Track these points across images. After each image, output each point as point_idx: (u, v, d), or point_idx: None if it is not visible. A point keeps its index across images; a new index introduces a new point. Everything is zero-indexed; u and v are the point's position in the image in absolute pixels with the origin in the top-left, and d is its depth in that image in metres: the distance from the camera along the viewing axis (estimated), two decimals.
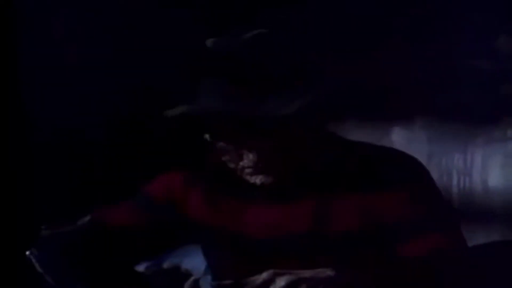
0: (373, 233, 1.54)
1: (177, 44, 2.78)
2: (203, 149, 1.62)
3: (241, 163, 1.53)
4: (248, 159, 1.51)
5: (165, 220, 1.70)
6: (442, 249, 1.48)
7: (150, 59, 2.83)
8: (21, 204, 2.79)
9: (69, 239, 1.61)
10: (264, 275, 1.38)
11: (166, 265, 1.98)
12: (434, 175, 1.62)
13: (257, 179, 1.54)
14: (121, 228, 1.68)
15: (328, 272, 1.40)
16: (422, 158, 1.62)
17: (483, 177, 2.39)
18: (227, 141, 1.52)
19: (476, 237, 1.50)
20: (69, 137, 2.84)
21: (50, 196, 2.76)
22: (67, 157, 2.84)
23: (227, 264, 1.66)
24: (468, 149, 2.43)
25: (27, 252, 1.56)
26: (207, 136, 1.53)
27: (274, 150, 1.50)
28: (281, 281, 1.37)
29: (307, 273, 1.40)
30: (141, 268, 1.78)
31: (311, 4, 2.63)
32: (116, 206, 1.72)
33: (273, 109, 1.46)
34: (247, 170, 1.53)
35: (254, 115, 1.46)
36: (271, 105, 1.46)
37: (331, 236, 1.55)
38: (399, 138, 2.53)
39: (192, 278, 1.55)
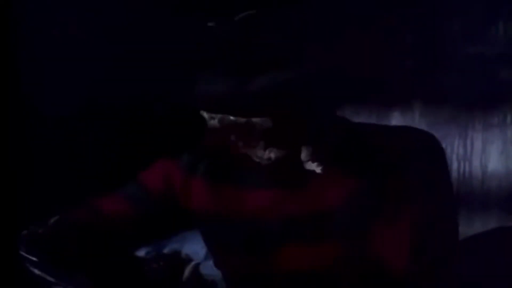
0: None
1: (175, 40, 2.79)
2: (198, 135, 1.62)
3: (249, 138, 1.48)
4: (257, 132, 1.46)
5: (161, 211, 1.69)
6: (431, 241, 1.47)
7: (150, 58, 2.83)
8: (20, 203, 2.78)
9: (48, 236, 1.59)
10: None
11: (166, 250, 1.97)
12: None
13: (272, 153, 1.49)
14: (115, 218, 1.67)
15: None
16: None
17: (483, 162, 2.39)
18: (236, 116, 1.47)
19: (475, 223, 1.49)
20: (68, 136, 2.84)
21: (49, 195, 2.76)
22: (67, 155, 2.84)
23: (228, 251, 1.65)
24: (468, 135, 2.42)
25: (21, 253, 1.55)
26: (204, 113, 1.50)
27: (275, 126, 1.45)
28: None
29: None
30: (141, 253, 1.79)
31: None
32: (110, 195, 1.72)
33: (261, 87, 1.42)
34: (261, 143, 1.48)
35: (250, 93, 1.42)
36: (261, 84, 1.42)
37: (332, 217, 1.53)
38: (399, 124, 2.51)
39: (192, 263, 1.56)
